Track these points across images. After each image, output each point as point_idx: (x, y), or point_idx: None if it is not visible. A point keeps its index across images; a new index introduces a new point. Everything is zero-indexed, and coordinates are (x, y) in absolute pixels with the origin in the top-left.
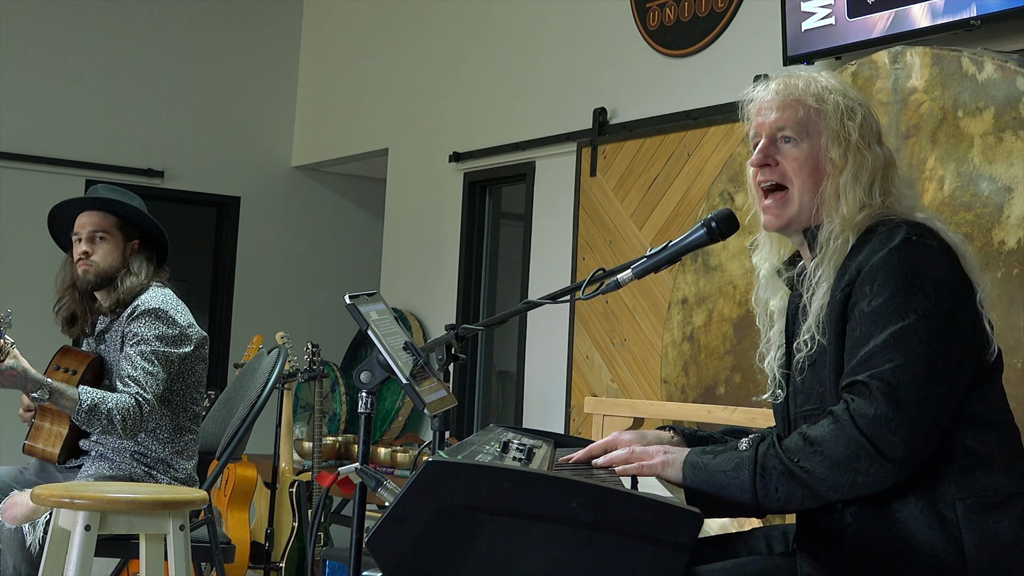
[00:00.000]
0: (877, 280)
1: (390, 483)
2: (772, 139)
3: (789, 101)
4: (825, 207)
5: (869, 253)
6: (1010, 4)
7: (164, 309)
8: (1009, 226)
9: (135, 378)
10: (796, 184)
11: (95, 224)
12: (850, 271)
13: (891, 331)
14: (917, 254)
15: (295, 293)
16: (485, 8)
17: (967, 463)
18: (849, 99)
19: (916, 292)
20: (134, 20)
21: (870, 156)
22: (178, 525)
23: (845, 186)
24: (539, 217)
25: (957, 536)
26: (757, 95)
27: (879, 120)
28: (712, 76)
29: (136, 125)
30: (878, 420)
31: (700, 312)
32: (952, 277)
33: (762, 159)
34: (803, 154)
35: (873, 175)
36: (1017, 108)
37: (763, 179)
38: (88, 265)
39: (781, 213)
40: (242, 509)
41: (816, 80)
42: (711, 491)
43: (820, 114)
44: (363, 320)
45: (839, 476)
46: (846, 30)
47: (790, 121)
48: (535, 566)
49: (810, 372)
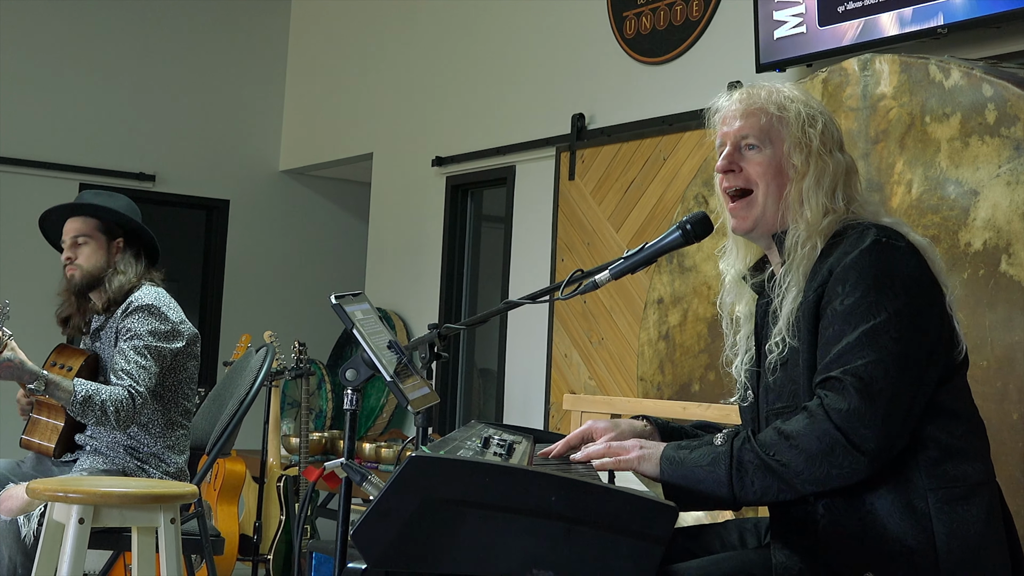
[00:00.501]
0: (849, 280)
1: (374, 478)
2: (736, 146)
3: (752, 110)
4: (790, 212)
5: (840, 255)
6: (975, 13)
7: (157, 306)
8: (975, 228)
9: (128, 371)
10: (760, 187)
11: (76, 229)
12: (822, 273)
13: (863, 329)
14: (887, 255)
15: (282, 293)
16: (467, 18)
17: (937, 455)
18: (811, 108)
19: (887, 291)
20: (127, 29)
21: (831, 162)
22: (169, 518)
23: (808, 191)
24: (519, 220)
25: (928, 526)
26: (722, 106)
27: (841, 129)
28: (687, 83)
29: (129, 130)
30: (851, 414)
31: (675, 312)
32: (921, 277)
33: (727, 165)
34: (766, 159)
35: (835, 180)
36: (983, 114)
37: (728, 184)
38: (74, 269)
39: (747, 215)
40: (231, 503)
41: (778, 90)
42: (688, 485)
43: (782, 121)
44: (348, 319)
45: (814, 468)
46: (817, 38)
47: (753, 129)
48: (515, 558)
49: (782, 372)
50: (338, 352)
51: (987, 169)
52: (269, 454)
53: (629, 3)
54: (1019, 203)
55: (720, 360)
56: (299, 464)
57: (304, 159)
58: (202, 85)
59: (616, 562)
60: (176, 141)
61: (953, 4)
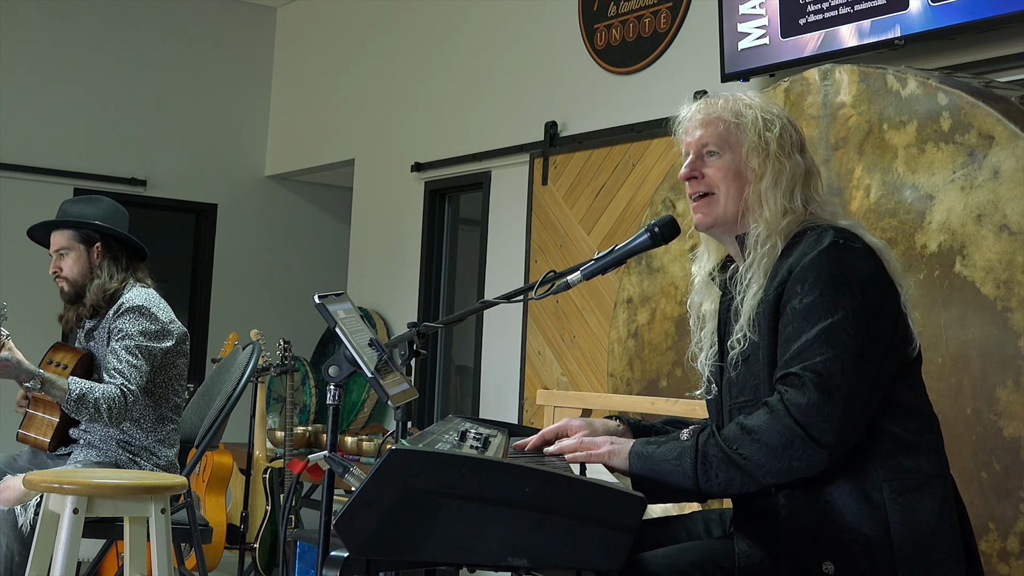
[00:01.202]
0: (808, 280)
1: (356, 469)
2: (699, 154)
3: (710, 118)
4: (751, 212)
5: (799, 255)
6: (931, 25)
7: (147, 306)
8: (931, 231)
9: (120, 370)
10: (721, 189)
11: (57, 243)
12: (782, 272)
13: (822, 326)
14: (844, 256)
15: (268, 293)
16: (446, 30)
17: (892, 448)
18: (768, 113)
19: (844, 290)
20: (119, 40)
21: (789, 164)
22: (160, 508)
23: (766, 191)
24: (494, 223)
25: (883, 516)
26: (683, 116)
27: (802, 132)
28: (655, 92)
29: (121, 137)
30: (810, 409)
31: (644, 311)
32: (877, 277)
33: (689, 172)
34: (725, 164)
35: (793, 181)
36: (938, 122)
37: (692, 191)
38: (62, 281)
39: (708, 212)
40: (219, 494)
41: (737, 99)
42: (655, 478)
43: (739, 128)
44: (331, 318)
45: (775, 461)
46: (779, 49)
47: (712, 136)
48: (491, 546)
49: (744, 367)
50: (321, 349)
51: (942, 174)
52: (255, 447)
53: (600, 16)
54: (973, 207)
55: (686, 356)
56: (284, 456)
57: (289, 165)
58: (192, 94)
59: (587, 550)
60: (166, 147)
61: (910, 17)
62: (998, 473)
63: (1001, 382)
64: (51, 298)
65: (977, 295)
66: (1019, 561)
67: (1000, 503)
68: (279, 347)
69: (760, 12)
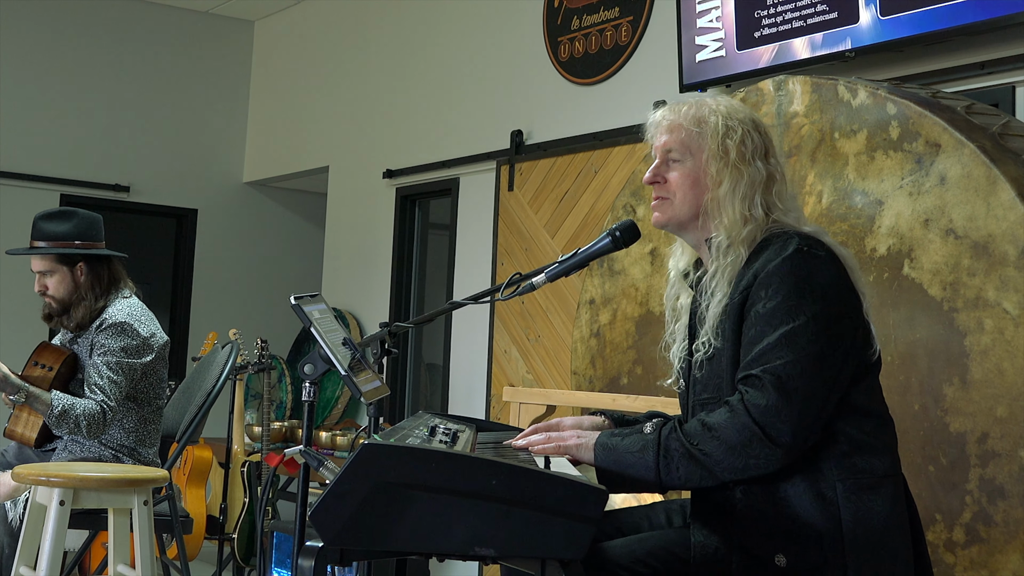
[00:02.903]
0: (772, 285)
1: (330, 463)
2: (663, 159)
3: (674, 125)
4: (710, 218)
5: (764, 261)
6: (880, 38)
7: (129, 323)
8: (880, 235)
9: (101, 387)
10: (678, 196)
11: (39, 266)
12: (747, 277)
13: (783, 331)
14: (808, 262)
15: (246, 294)
16: (416, 42)
17: (847, 448)
18: (732, 119)
19: (806, 296)
20: (103, 50)
21: (748, 171)
22: (142, 500)
23: (724, 198)
24: (463, 227)
25: (836, 512)
26: (651, 121)
27: (768, 137)
28: (616, 102)
29: (105, 144)
30: (769, 410)
31: (606, 312)
32: (839, 284)
33: (651, 178)
34: (686, 171)
35: (753, 188)
36: (887, 130)
37: (655, 195)
38: (48, 299)
39: (662, 212)
40: (199, 486)
41: (702, 104)
42: (619, 470)
43: (700, 135)
44: (306, 318)
45: (733, 459)
46: (735, 61)
47: (675, 143)
48: (459, 537)
49: (708, 367)
50: (297, 348)
51: (891, 181)
52: (234, 442)
53: (563, 29)
54: (920, 212)
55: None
56: (261, 451)
57: (266, 171)
58: (173, 104)
59: (551, 540)
60: (149, 155)
61: (860, 30)
62: (944, 467)
63: (947, 379)
64: (39, 302)
65: (924, 296)
66: (964, 551)
67: (947, 495)
68: (257, 346)
69: (717, 26)
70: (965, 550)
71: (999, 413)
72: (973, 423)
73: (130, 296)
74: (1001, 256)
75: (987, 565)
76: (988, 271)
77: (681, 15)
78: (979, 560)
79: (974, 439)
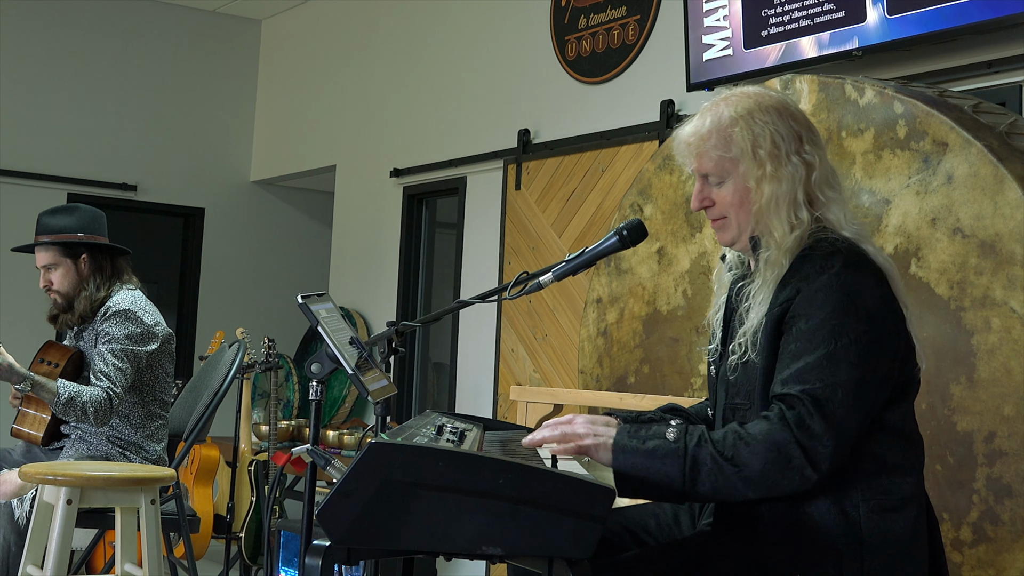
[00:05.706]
0: (816, 302)
1: (337, 462)
2: (704, 182)
3: (702, 151)
4: (759, 226)
5: (808, 275)
6: (887, 37)
7: (133, 311)
8: (887, 234)
9: (107, 374)
10: (731, 214)
11: (43, 260)
12: (789, 287)
13: (824, 352)
14: (853, 281)
15: (253, 293)
16: (424, 41)
17: (874, 468)
18: (755, 122)
19: (850, 317)
20: (111, 51)
21: (785, 174)
22: (149, 500)
23: (770, 210)
24: (470, 226)
25: (857, 532)
26: (676, 143)
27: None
28: (624, 101)
29: (113, 144)
30: (809, 433)
31: (613, 310)
32: (883, 304)
33: (698, 204)
34: (729, 192)
35: (793, 190)
36: (894, 129)
37: (711, 218)
38: (54, 294)
39: (724, 235)
40: (206, 485)
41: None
42: (638, 475)
43: (731, 160)
44: (314, 317)
45: (766, 478)
46: (742, 60)
47: (708, 167)
48: (466, 535)
49: (741, 371)
50: (304, 347)
51: (898, 180)
52: (241, 440)
53: (570, 28)
54: (927, 211)
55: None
56: (268, 450)
57: (273, 170)
58: (180, 103)
59: (558, 539)
60: (156, 154)
61: (867, 29)
62: (952, 466)
63: (955, 378)
64: (44, 301)
65: (932, 295)
66: (971, 550)
67: (954, 494)
68: (264, 345)
69: (724, 24)
70: (972, 549)
71: (1006, 412)
72: (980, 422)
73: (134, 288)
74: (1008, 255)
75: (994, 564)
76: (995, 270)
77: (688, 14)
78: (986, 559)
79: (981, 438)
